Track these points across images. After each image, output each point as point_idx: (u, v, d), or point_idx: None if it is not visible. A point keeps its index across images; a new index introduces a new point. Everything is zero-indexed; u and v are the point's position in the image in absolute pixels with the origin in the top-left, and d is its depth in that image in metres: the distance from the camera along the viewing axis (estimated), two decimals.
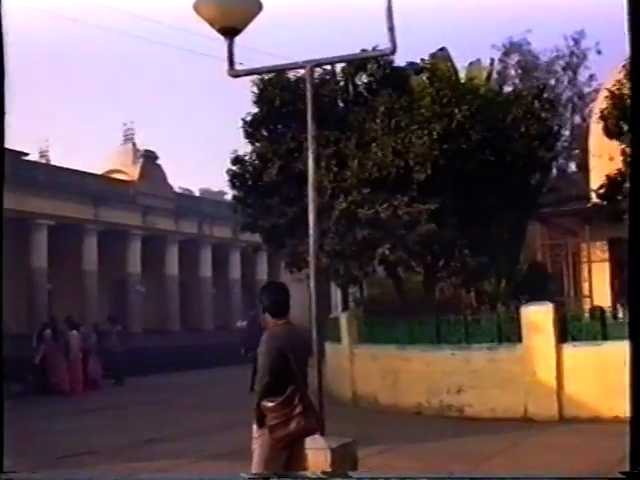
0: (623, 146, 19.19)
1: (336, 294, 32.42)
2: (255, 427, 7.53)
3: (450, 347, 17.57)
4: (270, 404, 7.36)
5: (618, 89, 19.37)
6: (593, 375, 15.79)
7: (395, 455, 12.72)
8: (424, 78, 21.84)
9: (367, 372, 19.14)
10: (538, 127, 20.81)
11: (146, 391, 26.39)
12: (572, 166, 45.45)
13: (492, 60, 27.80)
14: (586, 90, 45.97)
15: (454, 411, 17.06)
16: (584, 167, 30.69)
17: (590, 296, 25.76)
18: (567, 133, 44.45)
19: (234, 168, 23.09)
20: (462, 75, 23.37)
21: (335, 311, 30.49)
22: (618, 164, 19.71)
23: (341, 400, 19.39)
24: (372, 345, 19.23)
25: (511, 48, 45.99)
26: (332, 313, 28.15)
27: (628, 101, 18.76)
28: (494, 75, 27.92)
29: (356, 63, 21.20)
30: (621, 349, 15.97)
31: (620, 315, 19.04)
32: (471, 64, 24.37)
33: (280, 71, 19.93)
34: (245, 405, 7.91)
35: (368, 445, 11.84)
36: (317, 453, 8.79)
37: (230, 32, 9.89)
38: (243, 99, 22.69)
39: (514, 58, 46.30)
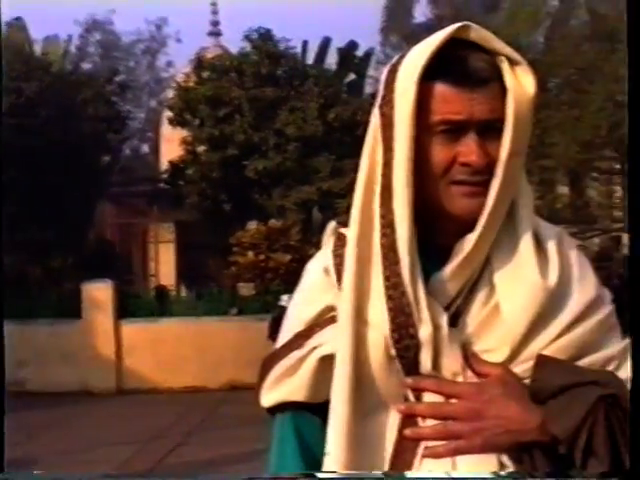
0: (185, 135, 20.33)
1: None
2: None
3: (14, 322, 17.47)
4: None
5: (185, 81, 20.43)
6: (150, 349, 16.79)
7: None
8: None
9: None
10: (107, 110, 21.35)
11: None
12: (146, 148, 46.54)
13: (70, 36, 27.74)
14: (163, 75, 47.25)
15: (15, 386, 16.95)
16: (156, 150, 31.60)
17: (156, 275, 26.64)
18: (142, 116, 45.41)
19: None
20: (38, 49, 23.18)
21: None
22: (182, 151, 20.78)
23: None
24: None
25: (93, 25, 45.93)
26: None
27: (192, 95, 19.92)
28: (73, 51, 27.88)
29: None
30: (174, 325, 17.19)
31: (183, 293, 20.19)
32: (48, 38, 24.14)
33: None
34: None
35: None
36: None
37: None
38: None
39: (96, 36, 46.33)
